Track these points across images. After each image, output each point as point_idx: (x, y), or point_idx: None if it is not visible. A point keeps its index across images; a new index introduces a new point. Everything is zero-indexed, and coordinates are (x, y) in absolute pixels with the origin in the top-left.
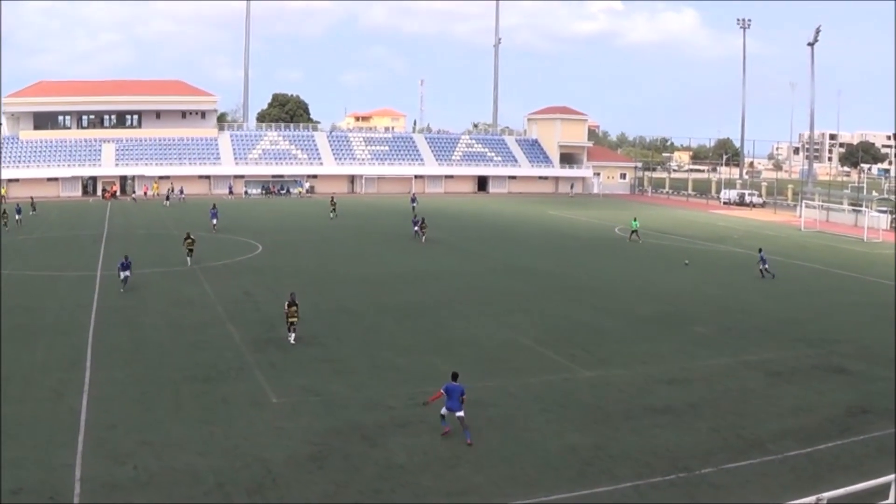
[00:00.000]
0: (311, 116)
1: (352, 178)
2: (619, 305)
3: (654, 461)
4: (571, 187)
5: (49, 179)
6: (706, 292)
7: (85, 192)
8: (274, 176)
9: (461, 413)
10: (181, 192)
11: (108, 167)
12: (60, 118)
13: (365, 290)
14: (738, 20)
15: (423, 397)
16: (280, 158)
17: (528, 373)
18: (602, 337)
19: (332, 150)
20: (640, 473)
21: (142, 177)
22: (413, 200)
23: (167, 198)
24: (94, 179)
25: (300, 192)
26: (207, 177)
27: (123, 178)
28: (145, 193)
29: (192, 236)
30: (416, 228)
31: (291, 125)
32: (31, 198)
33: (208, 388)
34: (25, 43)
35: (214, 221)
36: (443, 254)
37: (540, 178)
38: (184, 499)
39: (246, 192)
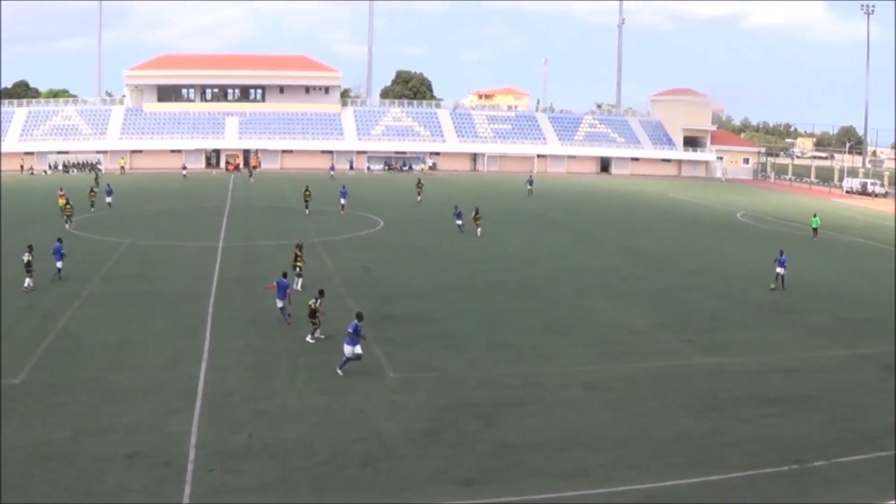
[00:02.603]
0: (434, 94)
1: (474, 156)
2: (737, 291)
3: (765, 451)
4: (724, 173)
5: (172, 151)
6: (824, 281)
7: (208, 164)
8: (396, 152)
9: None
10: (332, 168)
11: (231, 140)
12: (184, 91)
13: (482, 267)
14: (863, 6)
15: (539, 378)
16: (403, 135)
17: (643, 357)
18: (718, 323)
19: (455, 127)
20: (752, 463)
21: (265, 150)
22: (530, 183)
23: (250, 174)
24: (217, 152)
25: (423, 169)
26: (330, 152)
27: (246, 152)
28: (238, 167)
29: (301, 249)
30: (459, 222)
31: (415, 102)
32: (96, 172)
33: (325, 359)
34: (146, 17)
35: (343, 202)
36: (561, 233)
37: (663, 160)
38: (297, 469)
39: (368, 168)
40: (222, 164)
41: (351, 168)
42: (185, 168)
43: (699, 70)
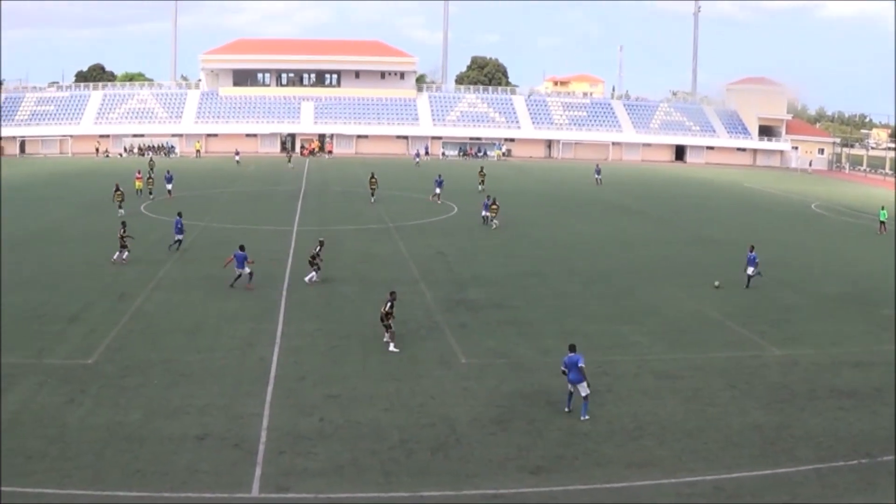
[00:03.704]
0: (510, 80)
1: (549, 143)
2: (810, 283)
3: (836, 444)
4: (810, 164)
5: (248, 135)
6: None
7: (283, 148)
8: (471, 138)
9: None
10: (425, 151)
11: (306, 125)
12: (260, 76)
13: (555, 254)
14: None
15: (611, 366)
16: (478, 121)
17: (716, 347)
18: (791, 314)
19: (530, 113)
20: (822, 457)
21: (340, 135)
22: (597, 171)
23: (289, 159)
24: (292, 136)
25: (497, 155)
26: (405, 137)
27: (322, 136)
28: (312, 152)
29: (322, 244)
30: (485, 213)
31: (490, 88)
32: (151, 158)
33: (397, 344)
34: (221, 2)
35: (438, 191)
36: (634, 222)
37: (738, 149)
38: (367, 453)
39: (443, 154)
40: (297, 149)
41: (426, 153)
42: (237, 154)
43: (774, 58)
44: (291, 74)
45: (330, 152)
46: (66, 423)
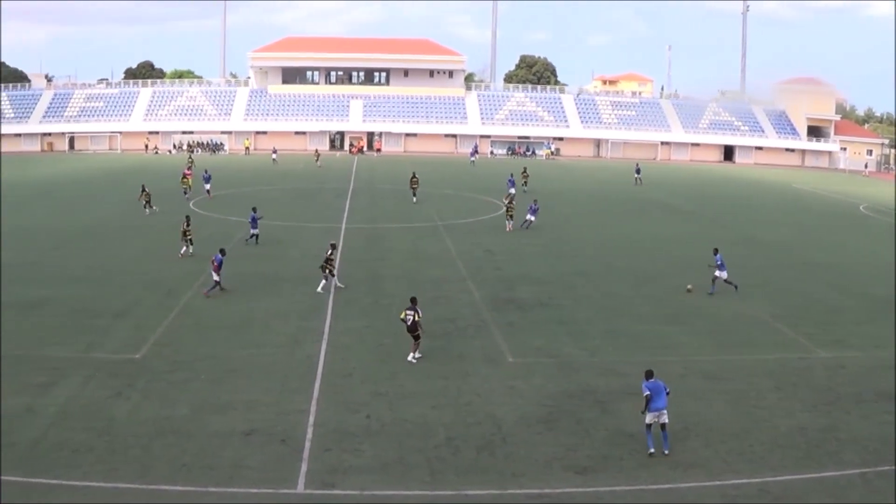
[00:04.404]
0: (558, 79)
1: (597, 142)
2: (857, 284)
3: (881, 448)
4: (865, 166)
5: (296, 133)
6: None
7: (332, 146)
8: (520, 137)
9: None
10: (472, 154)
11: (355, 123)
12: (308, 73)
13: (602, 253)
14: None
15: (657, 367)
16: (526, 120)
17: (763, 348)
18: (838, 316)
19: (579, 112)
20: (867, 461)
21: (389, 133)
22: (637, 171)
23: (317, 157)
24: (341, 134)
25: (546, 154)
26: (454, 136)
27: (371, 134)
28: (361, 150)
29: (334, 248)
30: (531, 217)
31: (538, 87)
32: (190, 154)
33: (445, 343)
34: (270, 0)
35: (512, 192)
36: (682, 222)
37: (786, 150)
38: (413, 450)
39: (492, 153)
40: (346, 147)
41: (476, 151)
42: (274, 152)
43: (821, 58)
44: (340, 72)
45: (378, 150)
46: (113, 416)
